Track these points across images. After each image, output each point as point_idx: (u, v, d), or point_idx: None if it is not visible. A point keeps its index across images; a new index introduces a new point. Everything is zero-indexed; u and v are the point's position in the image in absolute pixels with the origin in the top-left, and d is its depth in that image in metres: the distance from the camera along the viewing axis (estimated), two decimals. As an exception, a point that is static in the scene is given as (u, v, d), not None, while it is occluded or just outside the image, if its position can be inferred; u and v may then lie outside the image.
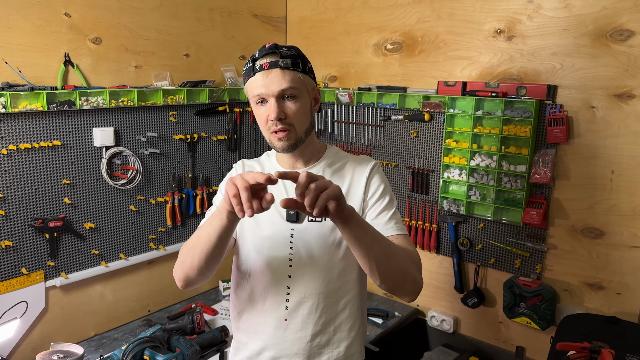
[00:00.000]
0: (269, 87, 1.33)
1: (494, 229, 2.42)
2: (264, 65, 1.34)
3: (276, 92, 1.33)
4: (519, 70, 2.27)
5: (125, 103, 2.27)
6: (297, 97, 1.36)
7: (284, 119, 1.35)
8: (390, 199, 1.48)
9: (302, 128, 1.39)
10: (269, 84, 1.33)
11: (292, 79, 1.35)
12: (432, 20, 2.49)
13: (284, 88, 1.33)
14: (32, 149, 2.04)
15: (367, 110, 2.73)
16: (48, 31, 2.05)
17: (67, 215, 2.17)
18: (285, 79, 1.33)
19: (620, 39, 2.00)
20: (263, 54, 1.35)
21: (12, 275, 2.04)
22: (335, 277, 1.45)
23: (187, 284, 1.42)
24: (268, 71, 1.34)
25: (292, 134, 1.37)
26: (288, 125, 1.36)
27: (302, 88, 1.37)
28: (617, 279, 2.13)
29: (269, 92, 1.34)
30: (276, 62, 1.34)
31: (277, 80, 1.33)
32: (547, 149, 2.20)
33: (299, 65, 1.37)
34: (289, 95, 1.35)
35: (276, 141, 1.38)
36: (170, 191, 2.53)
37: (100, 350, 2.21)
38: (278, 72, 1.33)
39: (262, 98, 1.36)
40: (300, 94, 1.37)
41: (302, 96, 1.38)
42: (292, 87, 1.34)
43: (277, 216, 1.44)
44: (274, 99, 1.34)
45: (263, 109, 1.37)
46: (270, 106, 1.34)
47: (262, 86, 1.34)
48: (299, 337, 1.45)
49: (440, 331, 2.64)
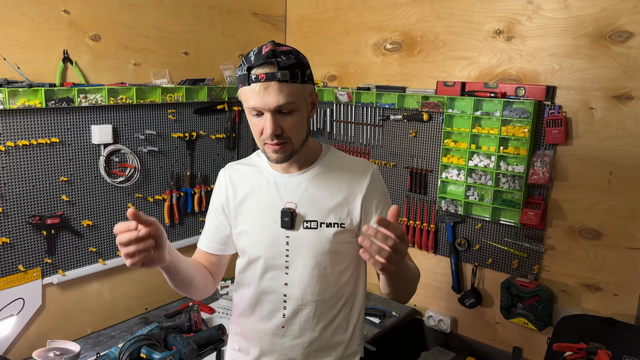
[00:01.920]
0: (265, 102, 1.25)
1: (492, 229, 2.42)
2: (260, 77, 1.24)
3: (272, 108, 1.26)
4: (518, 71, 2.27)
5: (124, 101, 2.27)
6: (295, 110, 1.30)
7: (280, 134, 1.29)
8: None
9: (298, 141, 1.35)
10: (265, 98, 1.25)
11: (289, 93, 1.26)
12: (432, 20, 2.49)
13: (282, 104, 1.26)
14: (30, 145, 2.03)
15: (366, 110, 2.73)
16: (47, 28, 2.04)
17: (65, 212, 2.17)
18: (282, 94, 1.25)
19: (620, 40, 2.00)
20: (259, 63, 1.25)
21: (9, 272, 2.04)
22: (332, 282, 1.45)
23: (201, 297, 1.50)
24: (265, 84, 1.24)
25: (287, 147, 1.33)
26: (284, 139, 1.31)
27: (300, 101, 1.30)
28: (614, 280, 2.13)
29: (265, 106, 1.26)
30: (274, 74, 1.24)
31: (274, 95, 1.25)
32: (545, 149, 2.20)
33: (297, 77, 1.27)
34: (285, 110, 1.28)
35: (270, 153, 1.34)
36: (168, 189, 2.52)
37: (97, 347, 2.21)
38: (275, 86, 1.24)
39: (258, 111, 1.29)
40: (298, 107, 1.30)
41: (300, 109, 1.31)
42: (289, 102, 1.27)
43: (272, 223, 1.42)
44: (270, 114, 1.27)
45: (258, 121, 1.30)
46: (266, 121, 1.28)
47: (257, 99, 1.26)
48: (297, 344, 1.45)
49: (437, 331, 2.65)
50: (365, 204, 1.43)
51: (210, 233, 1.54)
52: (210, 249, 1.54)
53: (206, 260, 1.54)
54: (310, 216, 1.41)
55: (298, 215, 1.41)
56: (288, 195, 1.43)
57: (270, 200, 1.44)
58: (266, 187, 1.45)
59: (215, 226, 1.53)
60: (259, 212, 1.44)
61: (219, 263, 1.55)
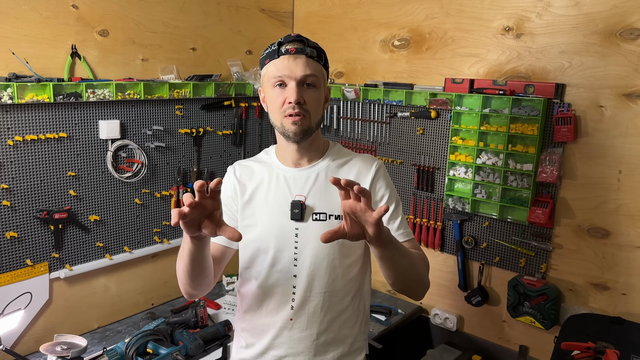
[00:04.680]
0: (293, 70, 1.34)
1: (499, 227, 2.41)
2: (290, 50, 1.36)
3: (299, 77, 1.35)
4: (527, 68, 2.25)
5: (132, 96, 2.27)
6: (316, 87, 1.39)
7: (303, 103, 1.36)
8: (396, 204, 1.49)
9: (315, 118, 1.40)
10: (293, 67, 1.34)
11: (315, 68, 1.37)
12: (441, 17, 2.48)
13: (308, 74, 1.35)
14: (38, 140, 2.04)
15: (373, 107, 2.72)
16: (55, 23, 2.05)
17: (72, 207, 2.17)
18: (309, 66, 1.36)
19: (630, 38, 1.99)
20: (290, 40, 1.38)
21: (17, 266, 2.04)
22: (340, 275, 1.45)
23: (190, 296, 1.47)
24: (294, 55, 1.35)
25: (306, 120, 1.37)
26: (304, 111, 1.37)
27: (321, 79, 1.40)
28: (622, 279, 2.12)
29: (292, 75, 1.35)
30: (303, 49, 1.36)
31: (301, 65, 1.35)
32: (554, 147, 2.19)
33: (322, 58, 1.41)
34: (309, 82, 1.37)
35: (289, 124, 1.37)
36: (175, 185, 2.53)
37: (103, 342, 2.21)
38: (304, 58, 1.36)
39: (282, 81, 1.36)
40: (319, 85, 1.39)
41: (320, 87, 1.40)
42: (314, 75, 1.37)
43: (281, 215, 1.43)
44: (295, 83, 1.35)
45: (280, 92, 1.37)
46: (291, 89, 1.35)
47: (285, 68, 1.35)
48: (305, 336, 1.45)
49: (443, 329, 2.64)
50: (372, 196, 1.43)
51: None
52: (218, 240, 1.49)
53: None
54: (319, 208, 1.42)
55: (307, 208, 1.42)
56: (297, 188, 1.44)
57: (280, 193, 1.45)
58: (275, 181, 1.47)
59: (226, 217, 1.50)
60: (268, 205, 1.45)
61: (222, 258, 1.51)
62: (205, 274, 1.38)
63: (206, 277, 1.39)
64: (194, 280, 1.38)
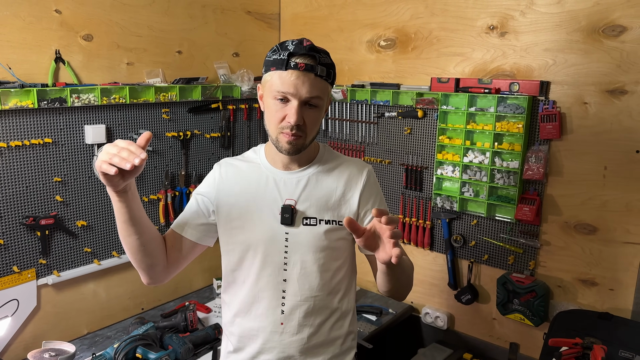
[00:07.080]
0: (298, 90, 1.30)
1: (487, 225, 2.42)
2: (300, 65, 1.30)
3: (304, 98, 1.31)
4: (511, 67, 2.27)
5: (117, 100, 2.26)
6: (319, 107, 1.35)
7: (302, 124, 1.33)
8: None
9: (311, 136, 1.39)
10: (299, 86, 1.30)
11: (320, 89, 1.33)
12: (426, 17, 2.49)
13: (313, 96, 1.31)
14: (23, 146, 2.02)
15: (360, 107, 2.73)
16: (38, 28, 2.03)
17: (59, 213, 2.16)
18: (316, 87, 1.31)
19: (613, 34, 2.00)
20: (302, 53, 1.31)
21: (4, 273, 2.03)
22: (329, 278, 1.45)
23: (151, 281, 1.42)
24: (303, 73, 1.30)
25: (301, 140, 1.36)
26: (302, 131, 1.34)
27: (325, 99, 1.37)
28: (610, 275, 2.13)
29: (297, 94, 1.30)
30: (313, 67, 1.31)
31: (308, 86, 1.30)
32: (540, 145, 2.20)
33: (330, 77, 1.36)
34: (312, 103, 1.33)
35: (284, 143, 1.35)
36: (163, 189, 2.52)
37: (92, 348, 2.20)
38: (312, 77, 1.30)
39: (285, 97, 1.32)
40: (322, 105, 1.36)
41: (322, 107, 1.37)
42: (319, 97, 1.33)
43: (271, 220, 1.42)
44: (298, 103, 1.31)
45: (280, 107, 1.33)
46: (292, 108, 1.31)
47: (291, 85, 1.30)
48: (296, 340, 1.44)
49: (434, 328, 2.64)
50: (362, 202, 1.46)
51: (190, 216, 1.46)
52: (182, 231, 1.45)
53: (171, 241, 1.45)
54: (310, 213, 1.42)
55: (298, 212, 1.41)
56: (288, 192, 1.43)
57: (269, 196, 1.43)
58: (265, 184, 1.45)
59: (197, 211, 1.46)
60: (257, 208, 1.43)
61: (188, 253, 1.46)
62: (153, 236, 1.34)
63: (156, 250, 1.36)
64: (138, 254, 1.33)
